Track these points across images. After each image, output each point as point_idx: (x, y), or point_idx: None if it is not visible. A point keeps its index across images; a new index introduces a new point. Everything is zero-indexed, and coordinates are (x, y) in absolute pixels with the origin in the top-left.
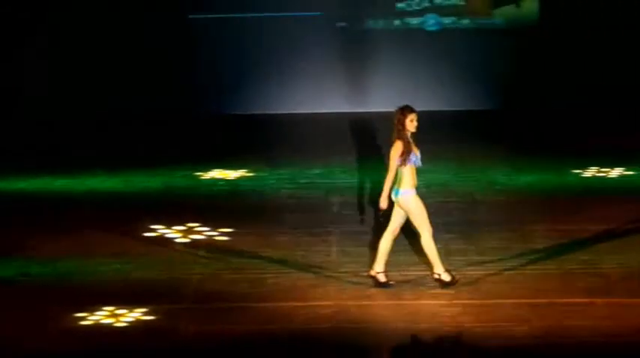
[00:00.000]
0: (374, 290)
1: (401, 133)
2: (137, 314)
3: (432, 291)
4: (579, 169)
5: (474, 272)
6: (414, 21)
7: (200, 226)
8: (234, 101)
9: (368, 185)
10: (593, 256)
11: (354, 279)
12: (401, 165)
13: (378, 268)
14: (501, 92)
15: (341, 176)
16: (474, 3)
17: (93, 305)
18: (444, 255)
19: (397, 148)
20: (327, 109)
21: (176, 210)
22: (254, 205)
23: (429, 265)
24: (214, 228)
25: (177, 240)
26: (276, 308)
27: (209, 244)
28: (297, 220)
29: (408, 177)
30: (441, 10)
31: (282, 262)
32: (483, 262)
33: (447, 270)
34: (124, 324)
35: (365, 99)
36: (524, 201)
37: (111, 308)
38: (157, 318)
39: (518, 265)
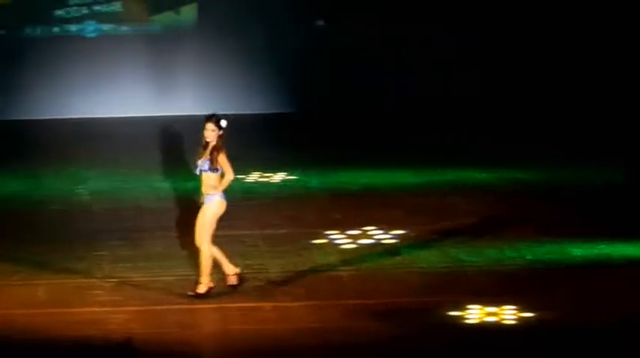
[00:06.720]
0: (42, 298)
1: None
2: None
3: (99, 299)
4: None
5: (142, 278)
6: (73, 28)
7: None
8: None
9: None
10: (260, 261)
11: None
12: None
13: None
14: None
15: None
16: (133, 10)
17: None
18: (112, 261)
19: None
20: None
21: None
22: None
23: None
24: None
25: None
26: None
27: None
28: None
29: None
30: (100, 17)
31: None
32: (149, 268)
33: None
34: None
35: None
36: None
37: None
38: None
39: (183, 272)
